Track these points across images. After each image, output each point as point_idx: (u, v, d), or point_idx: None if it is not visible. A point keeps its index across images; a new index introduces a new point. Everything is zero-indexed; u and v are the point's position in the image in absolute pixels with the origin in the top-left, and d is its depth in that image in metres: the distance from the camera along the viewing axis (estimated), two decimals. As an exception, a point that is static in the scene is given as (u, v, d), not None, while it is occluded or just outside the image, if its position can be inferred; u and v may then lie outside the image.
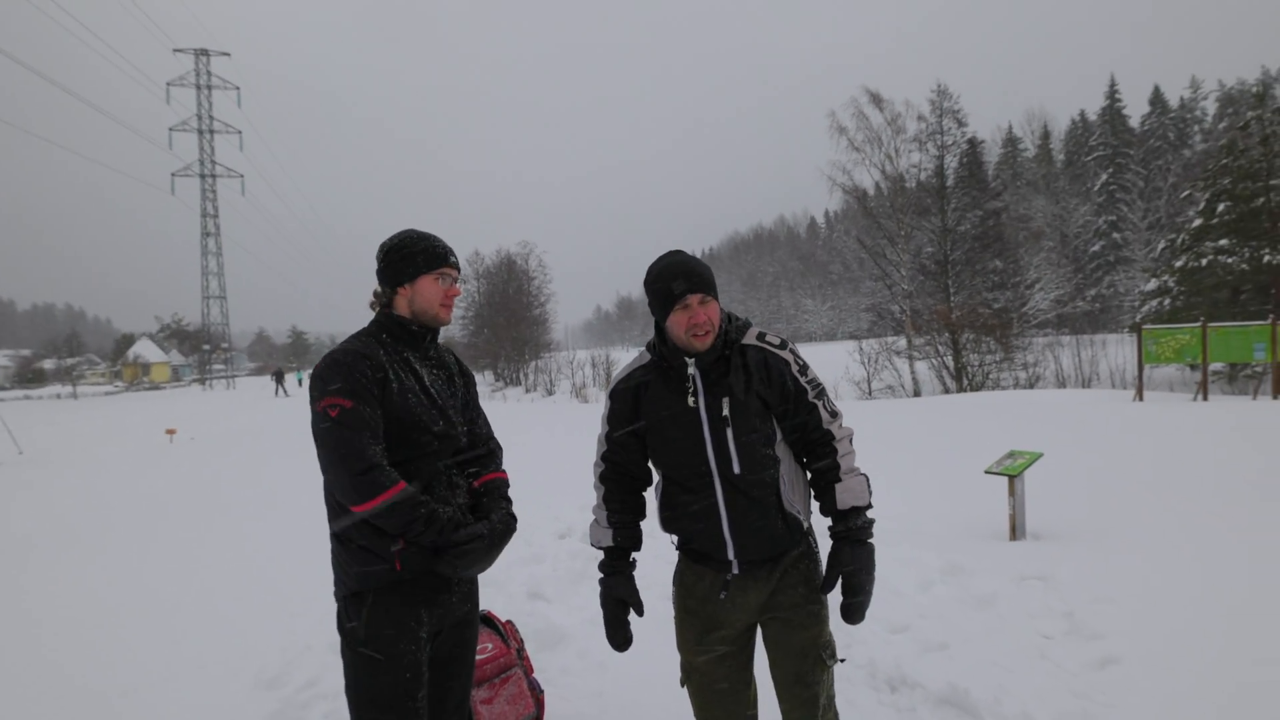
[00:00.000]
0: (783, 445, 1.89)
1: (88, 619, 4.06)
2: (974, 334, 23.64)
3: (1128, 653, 3.04)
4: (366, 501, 1.67)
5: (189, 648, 3.57)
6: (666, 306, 1.83)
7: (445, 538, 1.74)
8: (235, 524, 6.37)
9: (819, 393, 1.88)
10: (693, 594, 1.96)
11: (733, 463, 1.81)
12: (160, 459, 11.91)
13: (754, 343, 1.89)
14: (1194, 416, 10.01)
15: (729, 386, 1.82)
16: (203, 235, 58.28)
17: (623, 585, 1.96)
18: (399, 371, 1.85)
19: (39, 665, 3.46)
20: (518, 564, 4.65)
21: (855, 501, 1.83)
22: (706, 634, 1.93)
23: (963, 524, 5.15)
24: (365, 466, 1.68)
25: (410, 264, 1.90)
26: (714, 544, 1.87)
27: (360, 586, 1.79)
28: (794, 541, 1.89)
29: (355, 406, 1.72)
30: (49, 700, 3.09)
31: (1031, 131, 62.19)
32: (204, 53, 57.10)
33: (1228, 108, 51.24)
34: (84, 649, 3.62)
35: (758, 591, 1.89)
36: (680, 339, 1.84)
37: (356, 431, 1.70)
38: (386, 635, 1.76)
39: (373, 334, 1.91)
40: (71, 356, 77.33)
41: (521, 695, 2.69)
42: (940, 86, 29.93)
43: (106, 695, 3.10)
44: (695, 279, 1.81)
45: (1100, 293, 43.29)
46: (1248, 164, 19.99)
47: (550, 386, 33.02)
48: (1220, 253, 19.92)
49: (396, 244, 1.93)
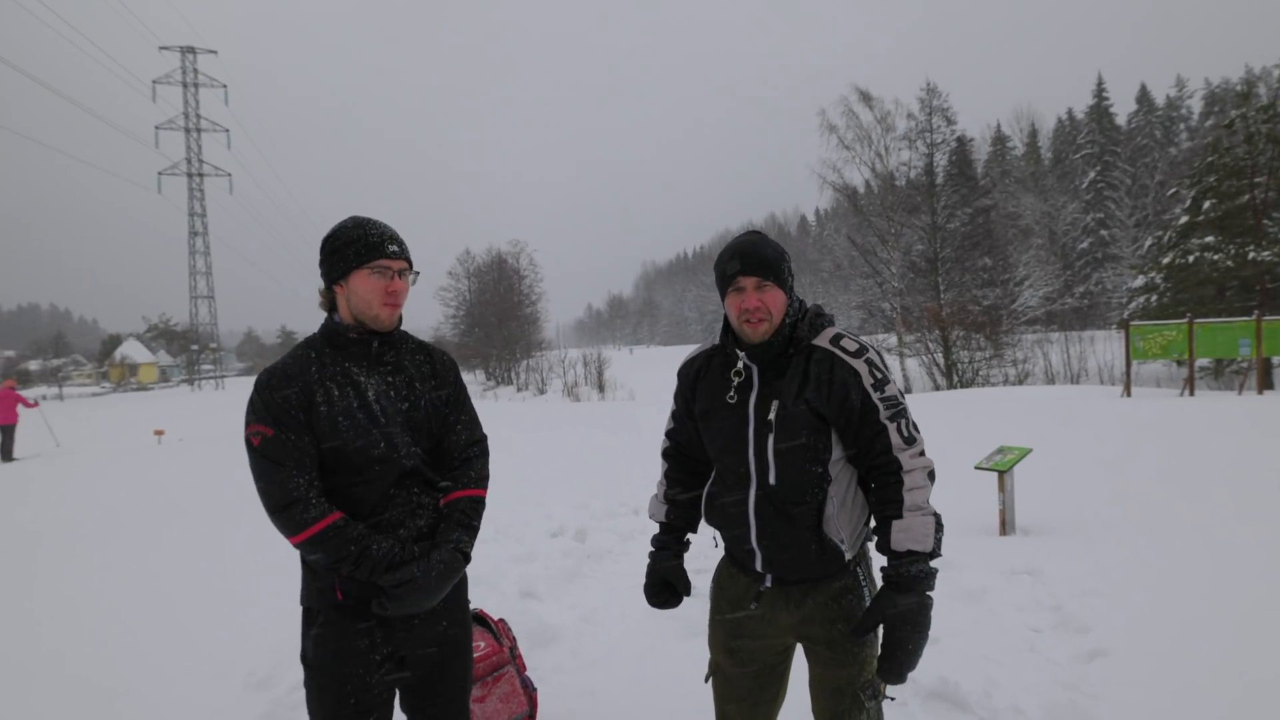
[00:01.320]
0: (842, 465, 1.69)
1: (79, 619, 4.02)
2: (964, 331, 23.82)
3: (1116, 645, 3.07)
4: (290, 536, 1.58)
5: (179, 649, 3.54)
6: (723, 288, 1.69)
7: (374, 579, 1.60)
8: (224, 524, 6.33)
9: (896, 413, 1.62)
10: (726, 596, 1.87)
11: (770, 472, 1.66)
12: (148, 460, 11.81)
13: (825, 345, 1.67)
14: (1181, 412, 10.12)
15: (780, 390, 1.65)
16: (190, 234, 57.83)
17: (668, 563, 1.90)
18: (333, 389, 1.66)
19: (32, 663, 3.43)
20: (510, 562, 4.64)
21: (913, 545, 1.56)
22: (734, 639, 1.84)
23: (953, 519, 5.16)
24: (285, 501, 1.56)
25: (341, 258, 1.68)
26: (743, 552, 1.76)
27: (310, 603, 1.72)
28: (828, 570, 1.70)
29: (276, 435, 1.59)
30: (40, 698, 3.06)
31: (1020, 129, 62.60)
32: (190, 50, 56.60)
33: (1213, 106, 51.70)
34: (75, 649, 3.59)
35: (789, 613, 1.75)
36: (735, 324, 1.69)
37: (277, 463, 1.58)
38: (330, 656, 1.66)
39: (311, 344, 1.73)
40: (57, 357, 76.64)
41: (514, 694, 2.68)
42: (929, 85, 30.12)
43: (96, 695, 3.08)
44: (751, 260, 1.63)
45: (1088, 290, 43.67)
46: (1233, 161, 20.22)
47: (542, 385, 32.99)
48: (1206, 249, 20.15)
49: (329, 235, 1.72)
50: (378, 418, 1.69)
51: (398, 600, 1.61)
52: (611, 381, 28.90)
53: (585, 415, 16.41)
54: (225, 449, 13.02)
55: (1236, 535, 4.41)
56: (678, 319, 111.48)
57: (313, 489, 1.60)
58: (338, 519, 1.60)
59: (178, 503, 7.54)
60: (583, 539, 5.32)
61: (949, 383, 23.95)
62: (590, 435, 12.07)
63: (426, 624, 1.75)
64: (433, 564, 1.67)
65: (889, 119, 29.49)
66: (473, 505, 1.81)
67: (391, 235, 1.72)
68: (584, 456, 9.48)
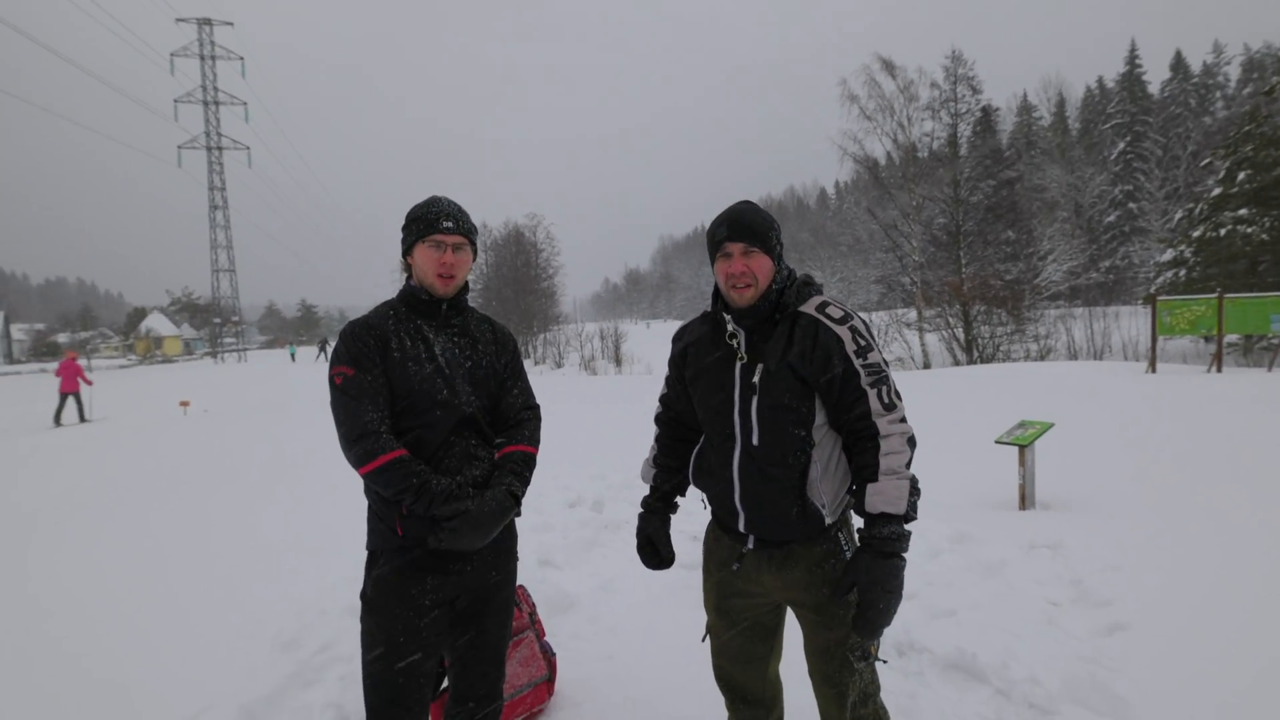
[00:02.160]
0: (826, 430, 1.74)
1: (111, 584, 4.14)
2: (985, 306, 23.44)
3: (1136, 619, 3.05)
4: (360, 466, 1.74)
5: (207, 612, 3.64)
6: (712, 253, 1.77)
7: (433, 510, 1.74)
8: (250, 492, 6.46)
9: (877, 379, 1.67)
10: (713, 558, 1.95)
11: (753, 433, 1.72)
12: (175, 430, 12.05)
13: (810, 312, 1.72)
14: (1208, 388, 9.93)
15: (764, 353, 1.72)
16: (210, 208, 58.22)
17: (653, 525, 1.99)
18: (405, 340, 1.86)
19: (65, 626, 3.54)
20: (529, 532, 4.70)
21: (886, 507, 1.61)
22: (724, 599, 1.91)
23: (973, 494, 5.16)
24: (360, 433, 1.73)
25: (408, 233, 1.90)
26: (727, 511, 1.83)
27: (374, 546, 1.88)
28: (810, 533, 1.75)
29: (357, 375, 1.78)
30: (72, 657, 3.17)
31: (1047, 99, 60.90)
32: (207, 22, 56.48)
33: (1252, 73, 49.89)
34: (106, 611, 3.70)
35: (772, 576, 1.81)
36: (723, 289, 1.77)
37: (355, 399, 1.76)
38: (387, 596, 1.81)
39: (390, 304, 1.94)
40: (85, 330, 78.10)
41: (534, 658, 2.73)
42: (955, 52, 29.31)
43: (125, 656, 3.18)
44: (739, 227, 1.70)
45: (1114, 264, 42.71)
46: (1271, 130, 19.53)
47: (559, 359, 33.09)
48: (1239, 222, 19.57)
49: (408, 212, 1.93)
50: (442, 368, 1.88)
51: (452, 533, 1.74)
52: (628, 355, 28.91)
53: (602, 389, 16.48)
54: (250, 420, 13.25)
55: (1258, 515, 4.34)
56: (695, 293, 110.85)
57: (384, 425, 1.77)
58: (403, 454, 1.76)
59: (205, 472, 7.70)
60: (600, 509, 5.37)
61: (969, 358, 23.67)
62: (607, 408, 12.12)
63: (478, 572, 1.92)
64: (486, 500, 1.82)
65: (912, 88, 28.78)
66: (525, 459, 1.98)
67: (449, 212, 1.89)
68: (601, 429, 9.53)
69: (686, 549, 4.36)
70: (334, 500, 5.53)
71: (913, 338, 25.77)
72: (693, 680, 2.83)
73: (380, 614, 1.81)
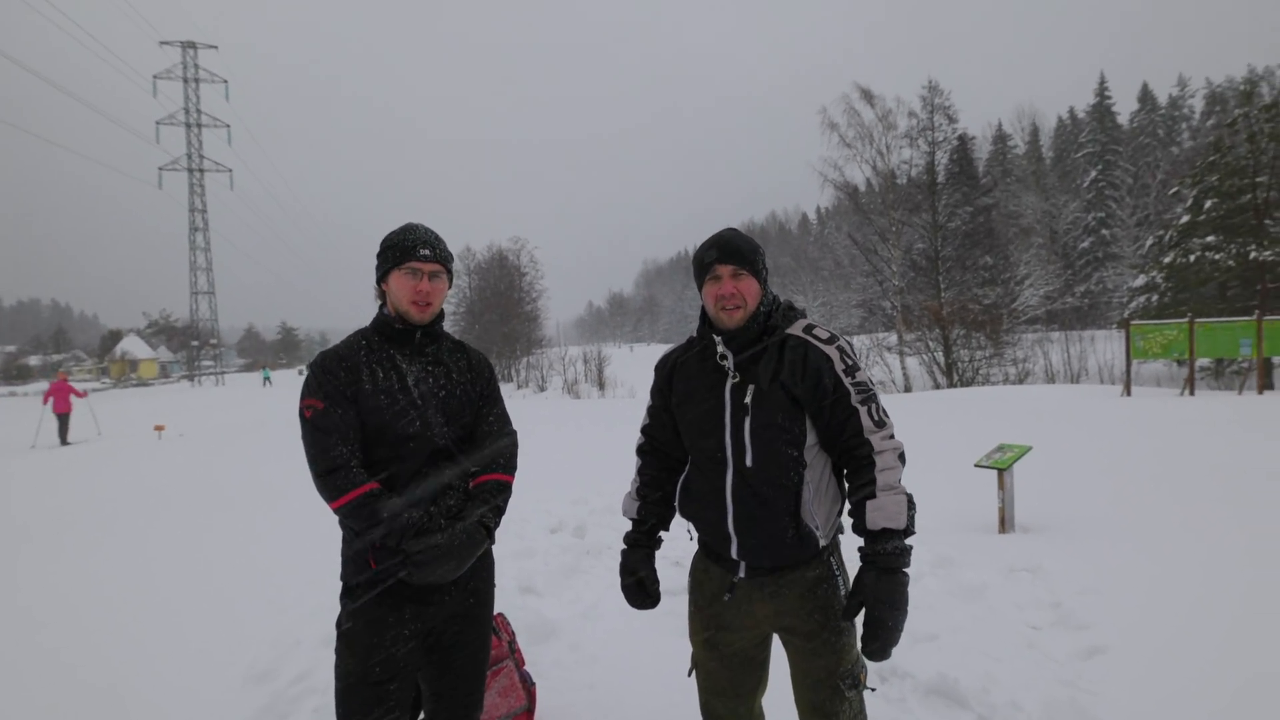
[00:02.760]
0: (816, 451, 1.75)
1: (77, 614, 4.03)
2: (964, 330, 23.78)
3: (1114, 642, 3.07)
4: (331, 500, 1.72)
5: (179, 642, 3.55)
6: (700, 277, 1.78)
7: (403, 544, 1.73)
8: (225, 519, 6.34)
9: (866, 398, 1.69)
10: (702, 590, 1.91)
11: (746, 454, 1.71)
12: (149, 455, 11.82)
13: (798, 333, 1.75)
14: (1181, 411, 10.11)
15: (755, 374, 1.72)
16: (191, 230, 57.80)
17: (639, 561, 1.96)
18: (377, 371, 1.84)
19: (29, 659, 3.43)
20: (509, 558, 4.65)
21: (887, 523, 1.62)
22: (712, 633, 1.87)
23: (953, 517, 5.19)
24: (330, 467, 1.72)
25: (383, 260, 1.88)
26: (719, 538, 1.80)
27: (348, 578, 1.85)
28: (804, 557, 1.74)
29: (327, 408, 1.76)
30: (37, 693, 3.07)
31: (1021, 128, 62.58)
32: (191, 45, 56.55)
33: (1215, 105, 51.59)
34: (74, 644, 3.60)
35: (764, 604, 1.79)
36: (712, 312, 1.78)
37: (326, 432, 1.74)
38: (362, 625, 1.79)
39: (363, 333, 1.92)
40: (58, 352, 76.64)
41: (513, 688, 2.69)
42: (931, 82, 30.02)
43: (95, 688, 3.08)
44: (728, 250, 1.73)
45: (1089, 289, 43.59)
46: (1235, 161, 20.18)
47: (542, 383, 32.98)
48: (1208, 249, 20.12)
49: (383, 239, 1.92)
50: (415, 399, 1.85)
51: (423, 566, 1.73)
52: (612, 379, 28.89)
53: (585, 412, 16.42)
54: (227, 444, 13.03)
55: (1233, 535, 4.41)
56: (679, 316, 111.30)
57: (354, 459, 1.75)
58: (374, 487, 1.74)
59: (178, 498, 7.54)
60: (582, 535, 5.33)
61: (949, 381, 23.93)
62: (590, 432, 12.08)
63: (455, 600, 1.90)
64: (456, 533, 1.79)
65: (890, 117, 29.44)
66: (499, 488, 1.95)
67: (426, 240, 1.88)
68: (583, 453, 9.49)
69: (669, 574, 4.33)
70: (312, 528, 5.44)
71: (894, 361, 26.01)
72: (674, 707, 2.79)
73: (355, 644, 1.78)
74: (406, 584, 1.79)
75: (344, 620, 1.82)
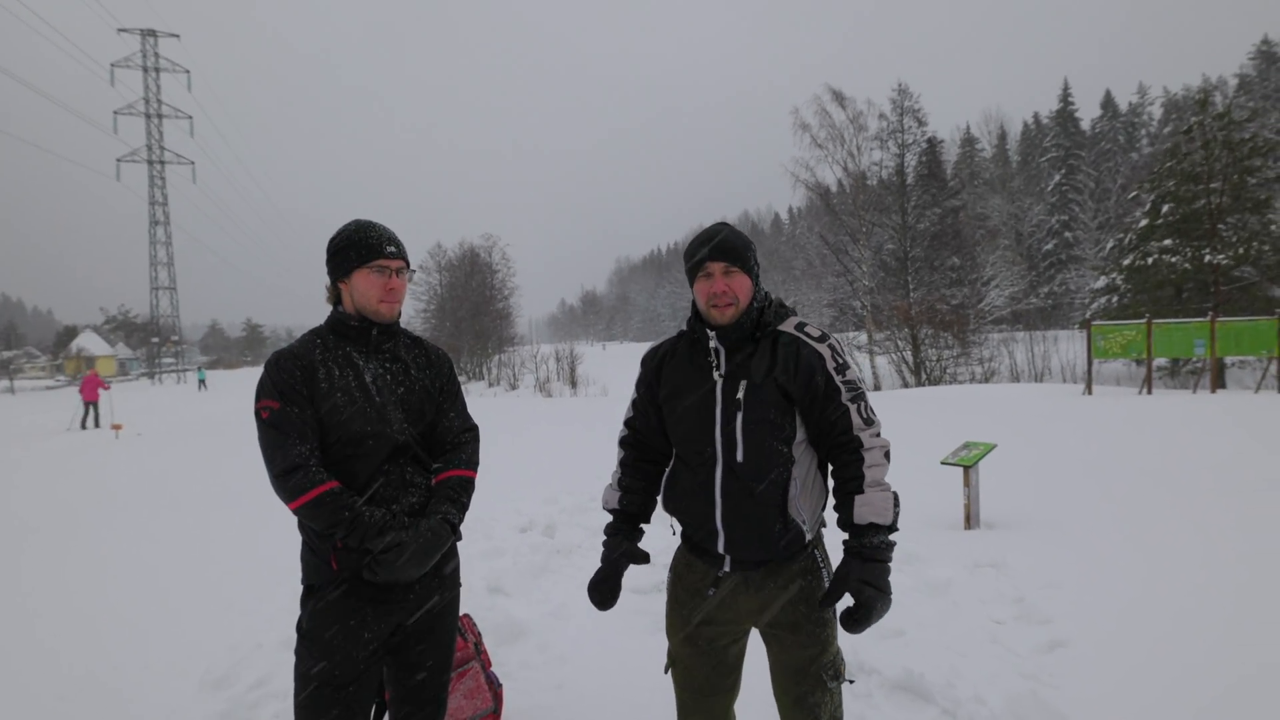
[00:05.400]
0: (804, 446, 1.76)
1: (31, 617, 3.88)
2: (932, 329, 24.18)
3: (1075, 636, 3.13)
4: (290, 501, 1.69)
5: (132, 647, 3.43)
6: (692, 274, 1.78)
7: (366, 543, 1.70)
8: (183, 520, 6.17)
9: (855, 396, 1.72)
10: (683, 584, 1.89)
11: (737, 449, 1.71)
12: (107, 455, 11.47)
13: (790, 330, 1.76)
14: (1139, 410, 10.40)
15: (749, 369, 1.72)
16: (151, 224, 56.19)
17: (625, 544, 1.92)
18: (334, 370, 1.81)
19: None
20: (478, 558, 4.59)
21: (874, 518, 1.65)
22: (694, 628, 1.86)
23: (920, 514, 5.25)
24: (288, 467, 1.68)
25: (344, 259, 1.85)
26: (705, 532, 1.78)
27: (309, 580, 1.82)
28: (790, 551, 1.75)
29: (283, 408, 1.73)
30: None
31: (989, 132, 63.81)
32: (151, 33, 54.93)
33: (1172, 113, 53.17)
34: (26, 647, 3.46)
35: (749, 598, 1.78)
36: (703, 308, 1.76)
37: (283, 432, 1.71)
38: (322, 627, 1.76)
39: (317, 332, 1.89)
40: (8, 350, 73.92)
41: (479, 689, 2.65)
42: (901, 85, 30.49)
43: (42, 698, 2.97)
44: (720, 247, 1.72)
45: (1053, 290, 44.67)
46: (1190, 167, 20.77)
47: (514, 381, 32.73)
48: (1164, 252, 20.69)
49: (335, 237, 1.88)
50: (373, 396, 1.84)
51: (386, 565, 1.69)
52: (584, 377, 28.78)
53: (557, 411, 16.33)
54: (187, 444, 12.70)
55: (1191, 530, 4.54)
56: (651, 315, 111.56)
57: (313, 458, 1.72)
58: (334, 486, 1.71)
59: (134, 500, 7.32)
60: (552, 534, 5.29)
61: (917, 380, 24.32)
62: (561, 431, 12.01)
63: (419, 599, 1.87)
64: (420, 531, 1.77)
65: (861, 119, 29.78)
66: (462, 484, 1.94)
67: (390, 238, 1.88)
68: (554, 452, 9.43)
69: (641, 573, 4.32)
70: (274, 528, 5.32)
71: (863, 360, 26.37)
72: (644, 708, 2.78)
73: (316, 645, 1.75)
74: (369, 584, 1.76)
75: (304, 621, 1.79)
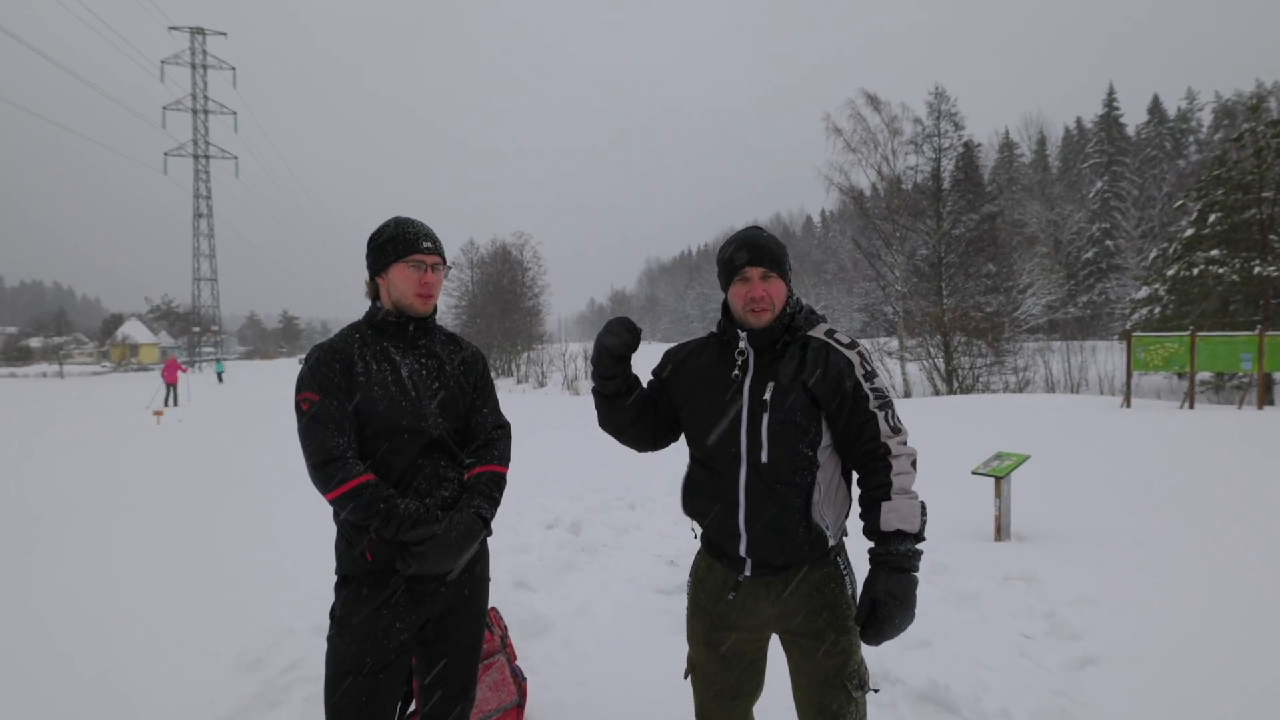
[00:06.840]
0: (829, 452, 1.76)
1: (72, 600, 4.03)
2: (965, 337, 23.75)
3: (1106, 653, 3.07)
4: (326, 491, 1.73)
5: (169, 629, 3.55)
6: (728, 277, 1.79)
7: (400, 535, 1.74)
8: (220, 506, 6.34)
9: (884, 403, 1.73)
10: (704, 589, 1.88)
11: (762, 450, 1.70)
12: (146, 441, 11.83)
13: (820, 336, 1.78)
14: (1180, 424, 10.10)
15: (777, 372, 1.73)
16: (195, 216, 57.85)
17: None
18: (371, 364, 1.85)
19: (21, 644, 3.43)
20: (504, 553, 4.65)
21: (901, 525, 1.65)
22: (713, 633, 1.85)
23: (949, 524, 5.18)
24: (325, 458, 1.72)
25: (382, 254, 1.89)
26: (727, 533, 1.77)
27: (343, 570, 1.87)
28: (812, 556, 1.74)
29: (322, 400, 1.77)
30: (27, 677, 3.07)
31: (1028, 137, 62.40)
32: (200, 31, 56.56)
33: (1223, 119, 51.50)
34: (66, 630, 3.60)
35: (770, 603, 1.77)
36: (738, 312, 1.77)
37: (321, 424, 1.75)
38: (355, 616, 1.80)
39: (356, 326, 1.94)
40: (59, 335, 76.53)
41: (504, 682, 2.69)
42: (938, 89, 29.94)
43: (82, 676, 3.08)
44: (759, 252, 1.73)
45: (1092, 299, 43.52)
46: (1240, 175, 20.12)
47: (542, 378, 32.95)
48: (1211, 263, 20.07)
49: (374, 233, 1.92)
50: (409, 390, 1.87)
51: (419, 557, 1.73)
52: (611, 376, 28.79)
53: (584, 409, 16.41)
54: (225, 432, 13.03)
55: (1229, 549, 4.40)
56: (680, 315, 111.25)
57: (350, 450, 1.76)
58: (370, 479, 1.75)
59: (173, 484, 7.54)
60: (577, 531, 5.33)
61: (949, 388, 23.91)
62: (588, 429, 12.04)
63: (450, 592, 1.91)
64: (453, 524, 1.80)
65: (896, 123, 29.30)
66: (494, 479, 1.97)
67: (427, 233, 1.92)
68: (581, 450, 9.48)
69: (664, 573, 4.34)
70: (308, 515, 5.44)
71: (894, 366, 25.99)
72: (664, 707, 2.80)
73: (348, 633, 1.79)
74: (402, 575, 1.80)
75: (338, 609, 1.84)
